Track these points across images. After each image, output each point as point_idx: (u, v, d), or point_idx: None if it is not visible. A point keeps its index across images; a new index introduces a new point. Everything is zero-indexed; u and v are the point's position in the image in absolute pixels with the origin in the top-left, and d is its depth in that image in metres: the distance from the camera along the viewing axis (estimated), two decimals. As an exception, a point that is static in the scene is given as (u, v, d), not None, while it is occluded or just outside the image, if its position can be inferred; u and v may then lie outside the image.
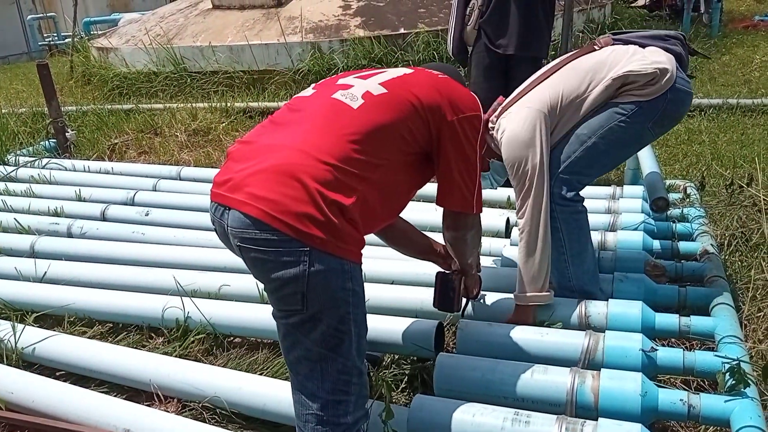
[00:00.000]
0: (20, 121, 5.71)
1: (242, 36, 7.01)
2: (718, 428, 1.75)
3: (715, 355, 1.80)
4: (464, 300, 2.10)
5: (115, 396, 2.10)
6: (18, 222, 3.48)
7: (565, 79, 2.10)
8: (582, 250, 2.13)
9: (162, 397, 2.09)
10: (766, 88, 5.87)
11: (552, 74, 2.15)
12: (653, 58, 2.06)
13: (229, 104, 5.92)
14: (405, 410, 1.79)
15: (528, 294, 2.04)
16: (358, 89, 1.57)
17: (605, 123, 2.04)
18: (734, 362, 1.65)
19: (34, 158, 4.76)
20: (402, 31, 6.69)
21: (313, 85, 1.73)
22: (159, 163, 4.72)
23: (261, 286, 2.44)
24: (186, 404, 2.06)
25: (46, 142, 5.20)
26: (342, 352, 1.41)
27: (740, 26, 9.33)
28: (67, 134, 5.19)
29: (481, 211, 1.77)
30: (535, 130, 2.00)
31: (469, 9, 3.58)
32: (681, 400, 1.65)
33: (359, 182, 1.43)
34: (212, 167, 4.62)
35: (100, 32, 10.37)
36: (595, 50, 2.21)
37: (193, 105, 5.88)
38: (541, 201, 1.99)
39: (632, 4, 10.28)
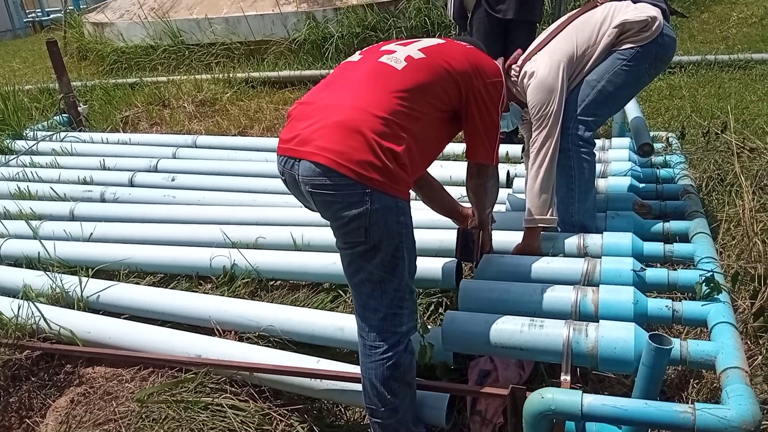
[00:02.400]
0: (29, 98, 5.90)
1: (237, 7, 7.19)
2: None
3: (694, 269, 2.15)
4: (481, 254, 2.41)
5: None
6: (54, 190, 3.75)
7: (578, 31, 2.46)
8: (588, 189, 2.48)
9: (221, 331, 2.40)
10: (743, 44, 6.19)
11: (564, 28, 2.49)
12: (644, 10, 2.43)
13: (231, 75, 6.14)
14: (436, 328, 2.14)
15: (536, 217, 2.37)
16: (401, 54, 1.84)
17: (610, 68, 2.40)
18: (709, 273, 2.00)
19: (52, 132, 4.98)
20: (393, -2, 6.90)
21: (359, 51, 2.00)
22: (172, 133, 4.97)
23: (295, 234, 2.78)
24: (242, 335, 2.38)
25: (60, 116, 5.41)
26: (397, 274, 1.72)
27: (718, -17, 9.58)
28: (79, 108, 5.41)
29: (498, 163, 2.08)
30: (558, 76, 2.35)
31: None
32: (666, 306, 1.99)
33: (405, 132, 1.70)
34: (223, 134, 4.90)
35: (90, 7, 10.39)
36: (597, 6, 2.55)
37: (196, 77, 6.10)
38: (554, 137, 2.34)
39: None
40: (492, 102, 1.93)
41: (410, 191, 1.79)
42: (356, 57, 1.95)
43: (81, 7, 11.18)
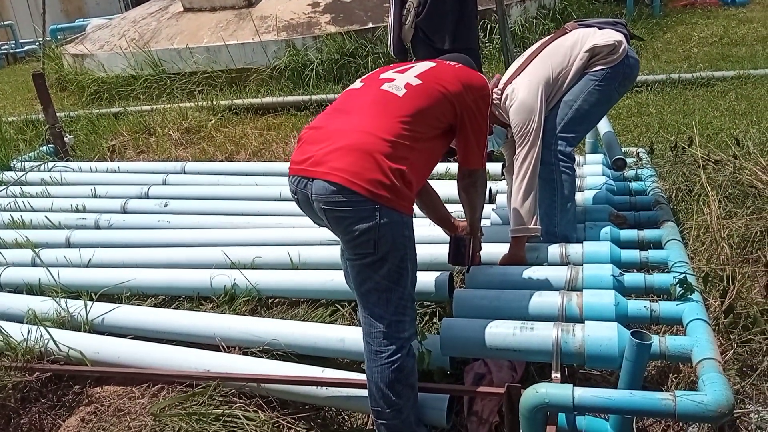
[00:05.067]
0: (13, 129, 5.95)
1: (218, 36, 7.34)
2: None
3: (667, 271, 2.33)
4: (472, 259, 2.56)
5: (185, 349, 2.52)
6: (48, 219, 3.82)
7: (552, 56, 2.68)
8: (570, 201, 2.68)
9: (225, 347, 2.51)
10: (704, 62, 6.51)
11: (539, 54, 2.71)
12: (611, 35, 2.69)
13: (214, 102, 6.27)
14: (432, 336, 2.28)
15: (521, 227, 2.54)
16: (400, 81, 2.02)
17: (584, 88, 2.63)
18: (683, 275, 2.18)
19: (40, 162, 5.04)
20: (370, 25, 7.11)
21: (359, 78, 2.18)
22: (160, 160, 5.07)
23: (291, 254, 2.91)
24: (246, 350, 2.48)
25: (46, 147, 5.48)
26: (402, 283, 1.88)
27: (679, 4, 10.00)
28: (65, 138, 5.49)
29: (485, 167, 2.25)
30: (537, 97, 2.55)
31: (405, 10, 4.07)
32: (645, 306, 2.16)
33: (409, 152, 1.88)
34: (210, 160, 5.01)
35: (67, 38, 10.46)
36: (567, 32, 2.78)
37: (180, 105, 6.21)
38: (535, 152, 2.53)
39: (579, -11, 10.87)
40: (481, 113, 2.13)
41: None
42: (358, 84, 2.12)
43: (58, 38, 11.22)
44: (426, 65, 2.15)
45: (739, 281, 2.31)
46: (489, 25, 7.25)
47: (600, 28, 2.75)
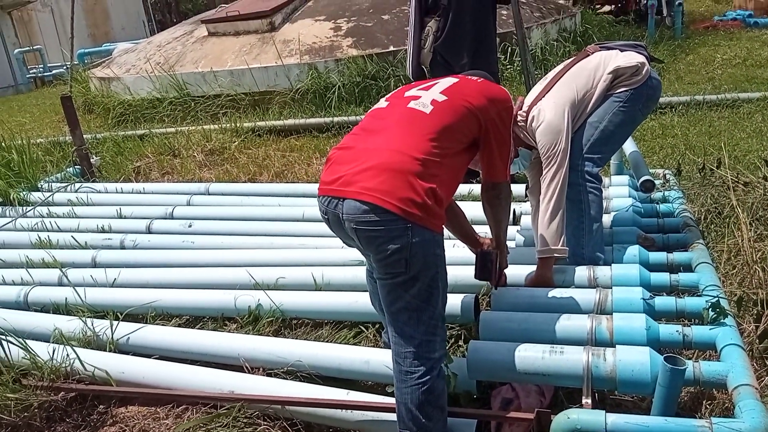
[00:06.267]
0: (41, 151, 6.06)
1: (241, 60, 7.45)
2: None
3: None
4: (499, 275, 2.53)
5: (209, 370, 2.51)
6: (75, 239, 3.87)
7: (576, 78, 2.70)
8: (597, 222, 2.66)
9: (249, 368, 2.50)
10: (728, 84, 6.46)
11: (562, 76, 2.71)
12: (633, 57, 2.70)
13: (237, 124, 6.34)
14: (458, 359, 2.24)
15: (549, 247, 2.51)
16: (426, 98, 2.02)
17: (609, 110, 2.64)
18: (715, 299, 2.13)
19: (66, 183, 5.13)
20: (391, 48, 7.18)
21: (384, 98, 2.18)
22: (184, 182, 5.12)
23: (315, 274, 2.90)
24: (270, 371, 2.47)
25: (73, 168, 5.57)
26: (433, 303, 1.85)
27: (701, 27, 9.99)
28: (92, 160, 5.58)
29: (510, 179, 2.23)
30: (564, 118, 2.56)
31: (424, 34, 4.10)
32: (677, 331, 2.12)
33: (439, 169, 1.86)
34: (234, 182, 5.05)
35: (94, 62, 10.69)
36: (589, 55, 2.78)
37: (204, 127, 6.29)
38: (563, 174, 2.52)
39: (599, 11, 10.92)
40: (505, 126, 2.12)
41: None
42: (383, 103, 2.12)
43: (86, 62, 11.47)
44: (450, 81, 2.14)
45: (773, 306, 2.26)
46: (510, 48, 7.27)
47: (621, 50, 2.76)
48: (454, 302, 2.49)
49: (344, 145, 1.99)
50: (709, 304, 2.14)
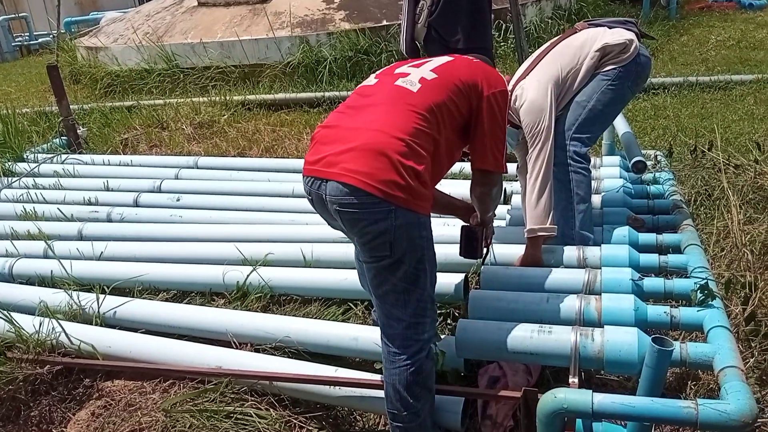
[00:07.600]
0: (27, 121, 5.96)
1: (232, 32, 7.33)
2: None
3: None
4: (484, 250, 2.53)
5: (196, 345, 2.50)
6: (61, 211, 3.82)
7: (561, 56, 2.66)
8: (585, 202, 2.64)
9: (237, 343, 2.48)
10: (722, 65, 6.43)
11: (547, 53, 2.68)
12: (621, 34, 2.67)
13: (227, 98, 6.26)
14: (447, 337, 2.25)
15: (537, 226, 2.49)
16: (415, 76, 1.96)
17: (597, 88, 2.61)
18: (703, 281, 2.13)
19: (53, 154, 5.05)
20: (385, 22, 7.08)
21: (374, 74, 2.11)
22: (173, 155, 5.06)
23: (304, 251, 2.89)
24: (258, 347, 2.46)
25: (59, 139, 5.48)
26: (420, 285, 1.83)
27: (696, 8, 9.92)
28: (78, 131, 5.48)
29: (505, 171, 2.17)
30: (547, 96, 2.53)
31: (418, 8, 4.03)
32: (665, 312, 2.12)
33: (424, 150, 1.81)
34: (223, 155, 4.99)
35: (82, 31, 10.50)
36: (576, 32, 2.76)
37: (193, 100, 6.20)
38: (548, 151, 2.50)
39: (595, -10, 10.80)
40: (500, 110, 2.03)
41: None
42: (372, 80, 2.06)
43: (72, 31, 11.25)
44: (443, 59, 2.09)
45: (761, 288, 2.27)
46: (503, 25, 7.20)
47: (610, 28, 2.73)
48: (443, 281, 2.48)
49: (329, 124, 1.94)
50: (698, 285, 2.15)
